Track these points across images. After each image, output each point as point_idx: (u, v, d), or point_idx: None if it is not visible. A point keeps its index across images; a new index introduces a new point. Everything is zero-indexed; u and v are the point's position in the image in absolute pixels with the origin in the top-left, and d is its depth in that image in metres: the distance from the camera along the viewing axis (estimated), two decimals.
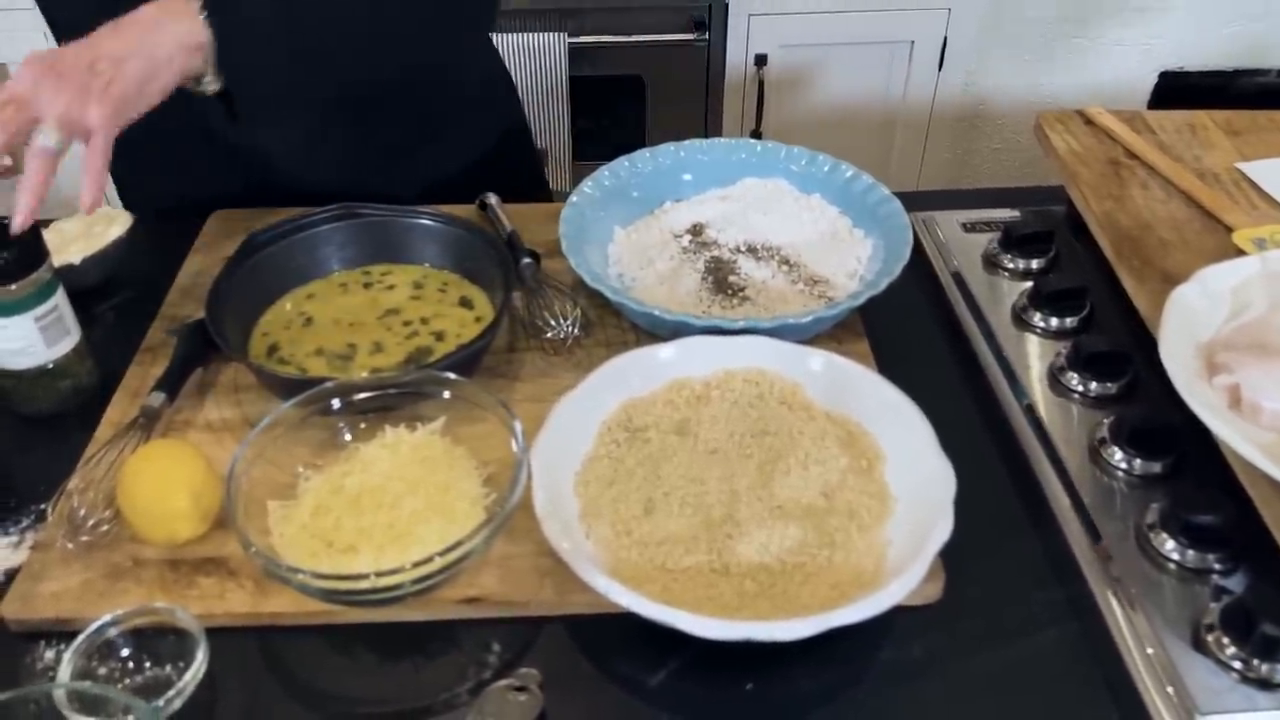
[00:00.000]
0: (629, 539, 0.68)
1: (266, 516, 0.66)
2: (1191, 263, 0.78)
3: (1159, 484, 0.72)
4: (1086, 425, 0.76)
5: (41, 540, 0.69)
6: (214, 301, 0.80)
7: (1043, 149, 0.98)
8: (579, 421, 0.75)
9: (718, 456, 0.74)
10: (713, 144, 0.99)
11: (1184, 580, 0.66)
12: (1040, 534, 0.71)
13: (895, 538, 0.68)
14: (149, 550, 0.68)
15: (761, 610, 0.64)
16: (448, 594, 0.65)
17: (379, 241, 0.92)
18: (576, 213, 0.91)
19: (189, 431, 0.77)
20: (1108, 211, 0.86)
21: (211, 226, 0.99)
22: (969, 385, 0.83)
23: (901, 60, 2.01)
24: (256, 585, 0.66)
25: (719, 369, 0.79)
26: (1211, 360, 0.68)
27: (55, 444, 0.78)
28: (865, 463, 0.73)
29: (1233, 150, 0.94)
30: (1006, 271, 0.91)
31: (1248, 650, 0.60)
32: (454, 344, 0.83)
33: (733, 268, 0.90)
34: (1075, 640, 0.65)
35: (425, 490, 0.67)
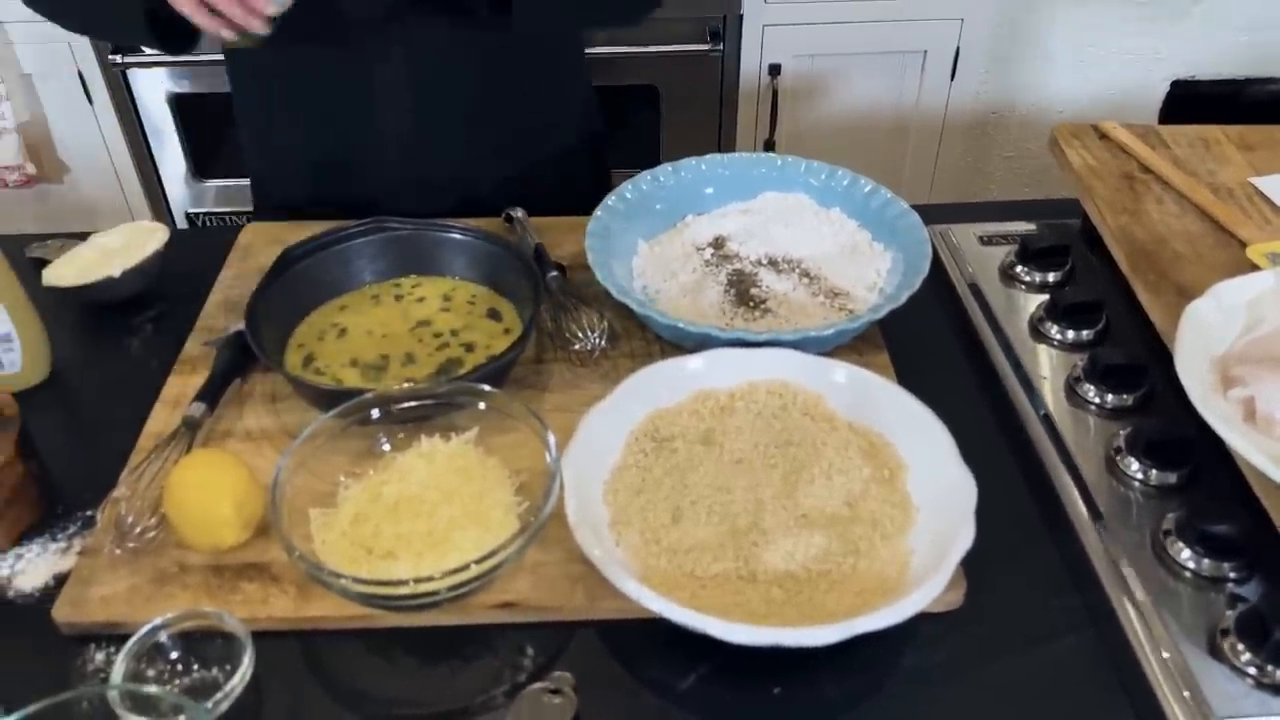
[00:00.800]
0: (658, 546, 0.70)
1: (309, 524, 0.69)
2: (1206, 277, 0.80)
3: (1175, 494, 0.73)
4: (1103, 436, 0.78)
5: (89, 546, 0.72)
6: (252, 314, 0.83)
7: (1058, 163, 0.99)
8: (607, 432, 0.77)
9: (743, 466, 0.76)
10: (733, 158, 1.02)
11: (1199, 588, 0.67)
12: (1058, 543, 0.73)
13: (918, 546, 0.70)
14: (194, 556, 0.71)
15: (788, 617, 0.66)
16: (483, 599, 0.67)
17: (409, 254, 0.94)
18: (602, 227, 0.93)
19: (228, 441, 0.80)
20: (1123, 225, 0.88)
21: (244, 239, 1.02)
22: (987, 396, 0.85)
23: (914, 69, 2.03)
24: (299, 590, 0.68)
25: (743, 380, 0.81)
26: (1226, 374, 0.70)
27: (99, 452, 0.80)
28: (888, 473, 0.75)
29: (1246, 165, 0.96)
30: (1023, 284, 0.93)
31: (1263, 656, 0.61)
32: (483, 355, 0.86)
33: (754, 280, 0.92)
34: (1093, 647, 0.67)
35: (461, 499, 0.70)
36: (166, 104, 2.01)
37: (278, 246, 0.92)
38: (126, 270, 0.91)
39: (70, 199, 2.11)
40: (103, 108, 1.99)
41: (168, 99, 2.00)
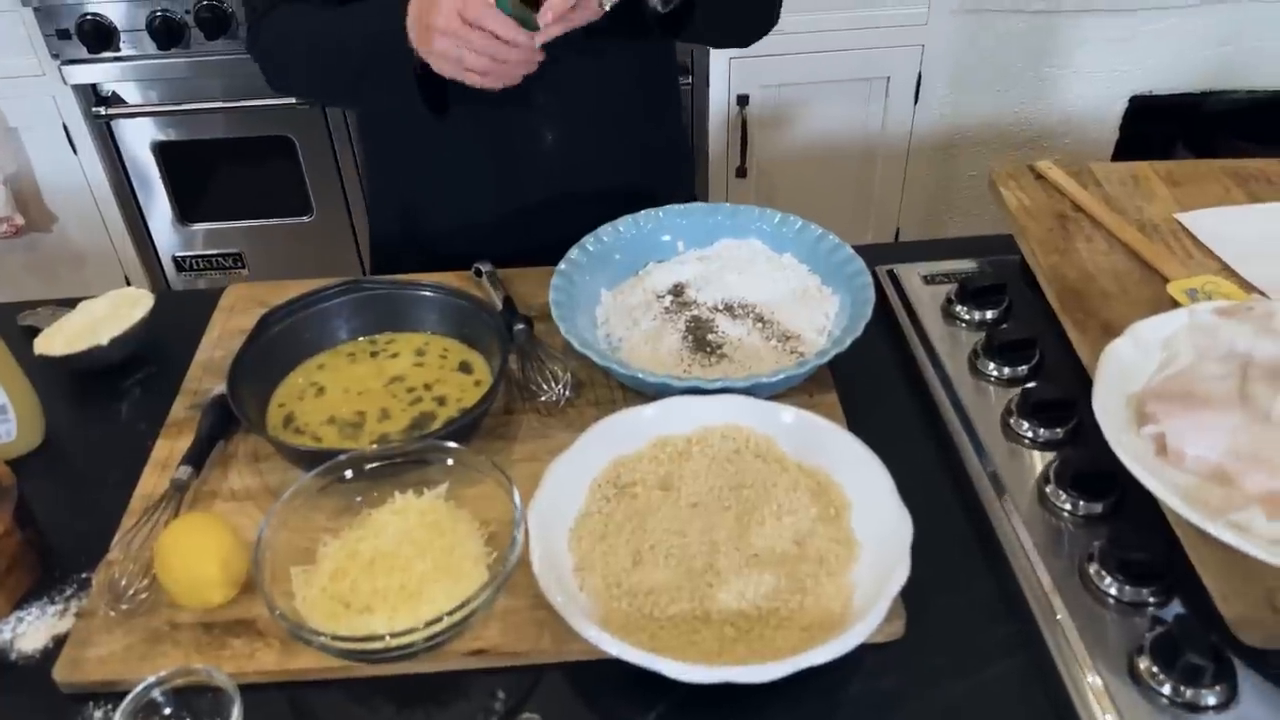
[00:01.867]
0: (619, 590, 0.75)
1: (290, 581, 0.73)
2: (1130, 313, 0.85)
3: (1101, 523, 0.78)
4: (1035, 469, 0.83)
5: (86, 608, 0.76)
6: (233, 379, 0.87)
7: (995, 203, 1.05)
8: (571, 480, 0.82)
9: (699, 509, 0.80)
10: (690, 208, 1.07)
11: (1123, 613, 0.72)
12: (994, 572, 0.78)
13: (861, 581, 0.75)
14: (184, 615, 0.75)
15: (740, 654, 0.70)
16: (456, 647, 0.72)
17: (384, 312, 0.99)
18: (565, 280, 0.99)
19: (214, 501, 0.85)
20: (1054, 265, 0.93)
21: (227, 301, 1.07)
22: (930, 431, 0.90)
23: (879, 95, 2.09)
24: (283, 645, 0.73)
25: (699, 426, 0.86)
26: (1141, 410, 0.75)
27: (92, 515, 0.85)
28: (833, 511, 0.79)
29: (1172, 200, 1.01)
30: (963, 322, 0.98)
31: (1175, 677, 0.66)
32: (455, 408, 0.91)
33: (711, 326, 0.97)
34: (1025, 671, 0.72)
35: (433, 552, 0.74)
36: (151, 151, 2.06)
37: (259, 307, 0.97)
38: (114, 338, 0.96)
39: (59, 247, 2.16)
40: (88, 158, 2.05)
41: (152, 147, 2.06)
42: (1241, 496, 0.69)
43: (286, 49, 1.05)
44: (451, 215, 1.19)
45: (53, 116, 1.99)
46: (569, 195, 1.16)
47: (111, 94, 1.99)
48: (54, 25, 1.89)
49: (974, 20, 2.05)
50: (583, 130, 1.13)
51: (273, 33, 1.05)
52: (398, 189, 1.22)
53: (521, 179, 1.15)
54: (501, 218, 1.17)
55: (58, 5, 1.87)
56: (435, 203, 1.19)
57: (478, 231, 1.17)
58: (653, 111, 1.21)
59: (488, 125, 1.10)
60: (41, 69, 1.94)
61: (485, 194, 1.16)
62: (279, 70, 1.08)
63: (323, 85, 1.10)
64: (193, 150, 2.07)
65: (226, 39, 1.91)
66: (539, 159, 1.13)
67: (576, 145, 1.14)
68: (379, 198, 1.27)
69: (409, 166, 1.18)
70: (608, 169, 1.17)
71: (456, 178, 1.16)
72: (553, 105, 1.10)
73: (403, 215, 1.22)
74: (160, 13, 1.88)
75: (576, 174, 1.16)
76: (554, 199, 1.16)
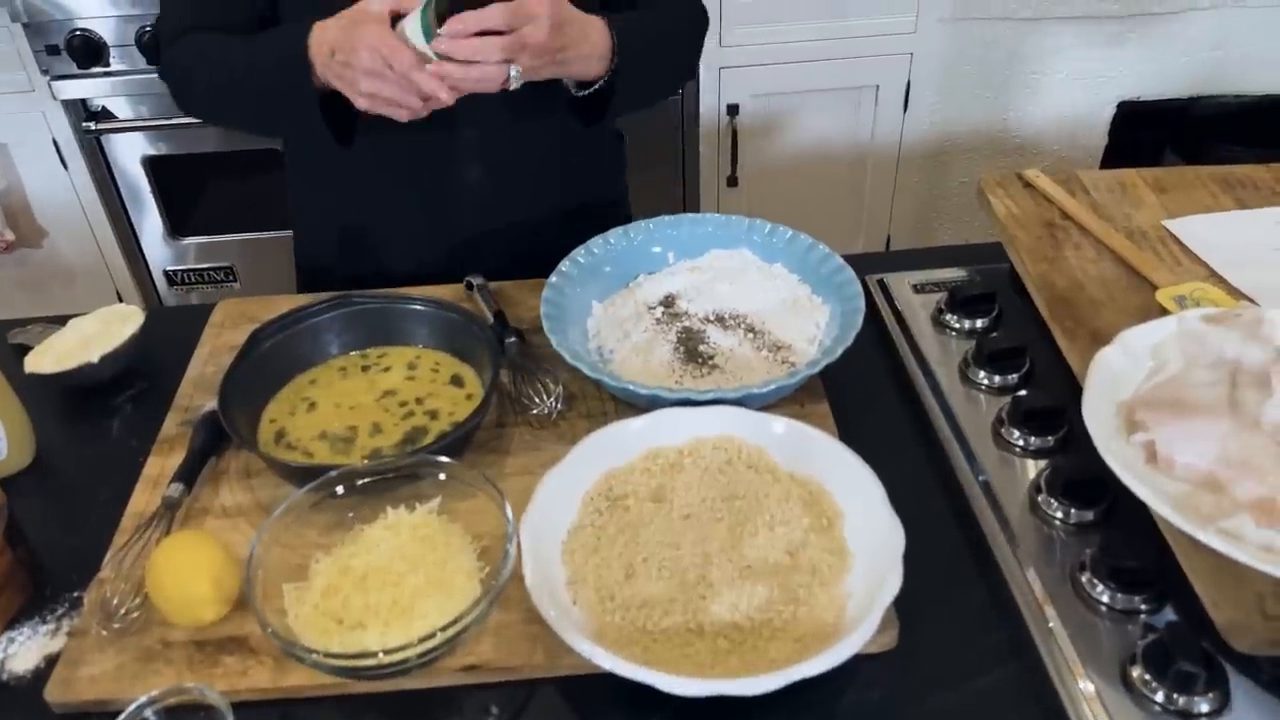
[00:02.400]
0: (612, 603, 0.75)
1: (282, 598, 0.73)
2: (1119, 321, 0.86)
3: (1093, 530, 0.79)
4: (1027, 477, 0.83)
5: (77, 627, 0.76)
6: (224, 396, 0.87)
7: (984, 211, 1.05)
8: (563, 493, 0.82)
9: (691, 521, 0.80)
10: (680, 219, 1.07)
11: (1115, 621, 0.73)
12: (986, 581, 0.78)
13: (854, 591, 0.75)
14: (176, 633, 0.75)
15: (733, 666, 0.70)
16: (449, 663, 0.72)
17: (374, 326, 0.99)
18: (556, 293, 0.99)
19: (206, 518, 0.84)
20: (1043, 273, 0.94)
21: (217, 317, 1.07)
22: (921, 440, 0.90)
23: (868, 104, 2.10)
24: (276, 662, 0.73)
25: (691, 437, 0.86)
26: (1131, 418, 0.75)
27: (84, 534, 0.85)
28: (825, 521, 0.80)
29: (1160, 207, 1.02)
30: (953, 331, 0.99)
31: (1167, 685, 0.66)
32: (447, 422, 0.90)
33: (702, 337, 0.97)
34: (1018, 680, 0.72)
35: (425, 567, 0.74)
36: (141, 166, 2.06)
37: (250, 323, 0.97)
38: (104, 355, 0.96)
39: (50, 263, 2.15)
40: (78, 173, 2.04)
41: (142, 161, 2.05)
42: (1231, 503, 0.69)
43: (194, 75, 1.05)
44: (384, 241, 1.19)
45: (43, 132, 1.99)
46: (498, 227, 1.17)
47: (101, 109, 1.98)
48: (43, 41, 1.89)
49: (962, 28, 2.06)
50: (509, 163, 1.14)
51: (182, 59, 1.06)
52: (324, 213, 1.21)
53: (449, 211, 1.15)
54: (435, 246, 1.17)
55: (47, 21, 1.86)
56: (366, 229, 1.19)
57: (413, 256, 1.18)
58: (580, 141, 1.19)
59: (411, 158, 1.11)
60: (31, 85, 1.94)
61: (415, 224, 1.16)
62: (187, 96, 1.08)
63: (230, 112, 1.11)
64: (183, 164, 2.07)
65: None
66: (466, 192, 1.14)
67: (504, 178, 1.15)
68: (307, 220, 1.26)
69: (335, 192, 1.18)
70: (538, 200, 1.18)
71: (382, 207, 1.16)
72: (475, 140, 1.11)
73: (334, 238, 1.21)
74: (150, 27, 1.88)
75: (505, 206, 1.16)
76: (484, 230, 1.17)
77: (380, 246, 1.19)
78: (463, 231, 1.17)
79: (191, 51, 1.05)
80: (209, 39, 1.05)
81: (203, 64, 1.04)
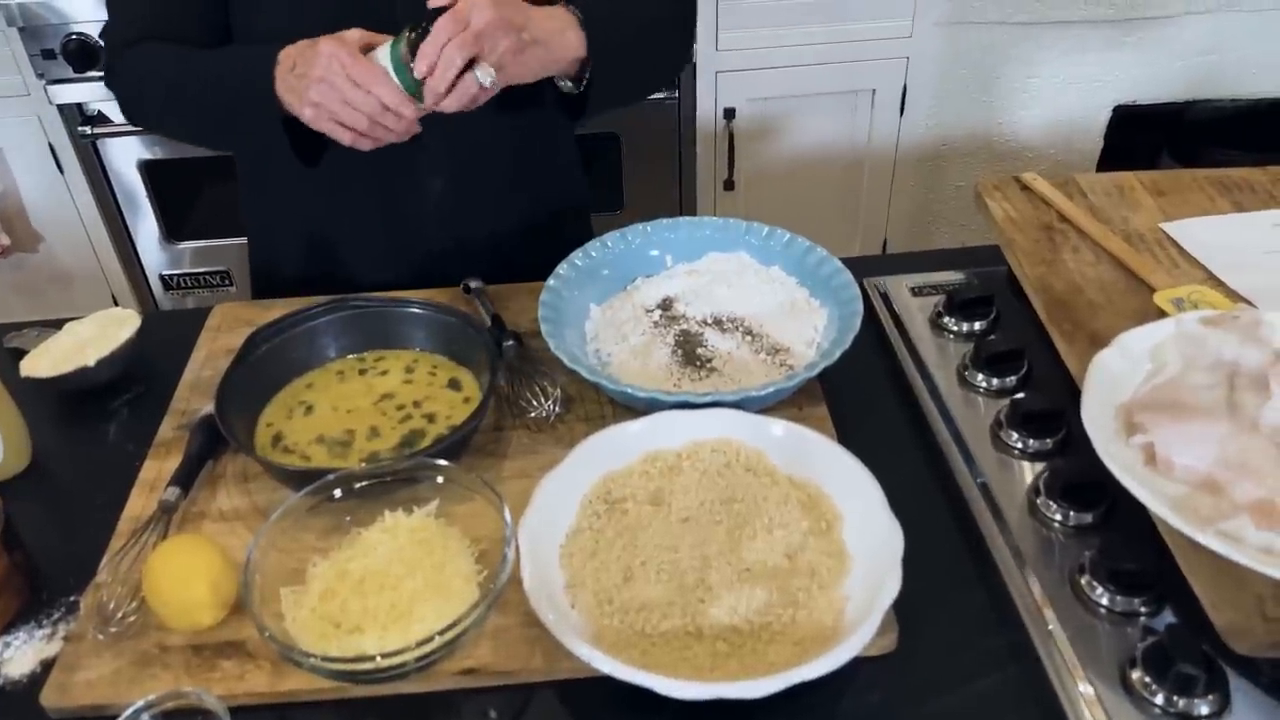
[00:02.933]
0: (610, 607, 0.74)
1: (279, 602, 0.73)
2: (1117, 324, 0.86)
3: (1092, 533, 0.79)
4: (1025, 480, 0.83)
5: (74, 632, 0.76)
6: (221, 399, 0.87)
7: (981, 215, 1.05)
8: (562, 496, 0.81)
9: (690, 524, 0.80)
10: (677, 222, 1.07)
11: (1114, 623, 0.73)
12: (985, 584, 0.78)
13: (853, 594, 0.74)
14: (173, 637, 0.75)
15: (732, 670, 0.70)
16: (447, 666, 0.72)
17: (372, 330, 0.99)
18: (554, 296, 0.99)
19: (203, 522, 0.84)
20: (1040, 276, 0.94)
21: (214, 320, 1.06)
22: (920, 443, 0.90)
23: (864, 107, 2.10)
24: (274, 666, 0.73)
25: (689, 440, 0.86)
26: (1130, 420, 0.75)
27: (80, 538, 0.84)
28: (824, 524, 0.79)
29: (1157, 210, 1.02)
30: (951, 334, 0.99)
31: (1167, 688, 0.66)
32: (445, 425, 0.90)
33: (700, 340, 0.97)
34: (1018, 683, 0.72)
35: (423, 571, 0.74)
36: (137, 170, 2.06)
37: (246, 327, 0.97)
38: (101, 359, 0.96)
39: (46, 268, 2.15)
40: (74, 177, 2.04)
41: (138, 166, 2.05)
42: (1230, 505, 0.69)
43: (148, 87, 1.04)
44: (342, 254, 1.17)
45: (39, 136, 1.99)
46: (462, 241, 1.16)
47: (97, 113, 1.98)
48: (39, 45, 1.88)
49: (958, 32, 2.06)
50: (471, 177, 1.13)
51: (134, 69, 1.04)
52: (283, 223, 1.19)
53: (410, 224, 1.14)
54: (394, 260, 1.16)
55: (43, 25, 1.86)
56: (323, 243, 1.17)
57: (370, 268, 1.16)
58: (543, 152, 1.19)
59: (373, 174, 1.09)
60: (27, 89, 1.94)
61: (374, 239, 1.15)
62: (139, 107, 1.07)
63: (188, 126, 1.09)
64: (179, 169, 2.07)
65: None
66: (428, 205, 1.13)
67: (466, 192, 1.14)
68: (261, 229, 1.23)
69: (294, 205, 1.16)
70: (501, 217, 1.17)
71: (340, 218, 1.15)
72: (440, 154, 1.10)
73: (290, 248, 1.20)
74: None
75: (469, 219, 1.15)
76: (447, 244, 1.15)
77: (339, 256, 1.17)
78: (423, 244, 1.15)
79: (146, 61, 1.03)
80: (164, 49, 1.03)
81: (156, 76, 1.03)
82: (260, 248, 1.24)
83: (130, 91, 1.06)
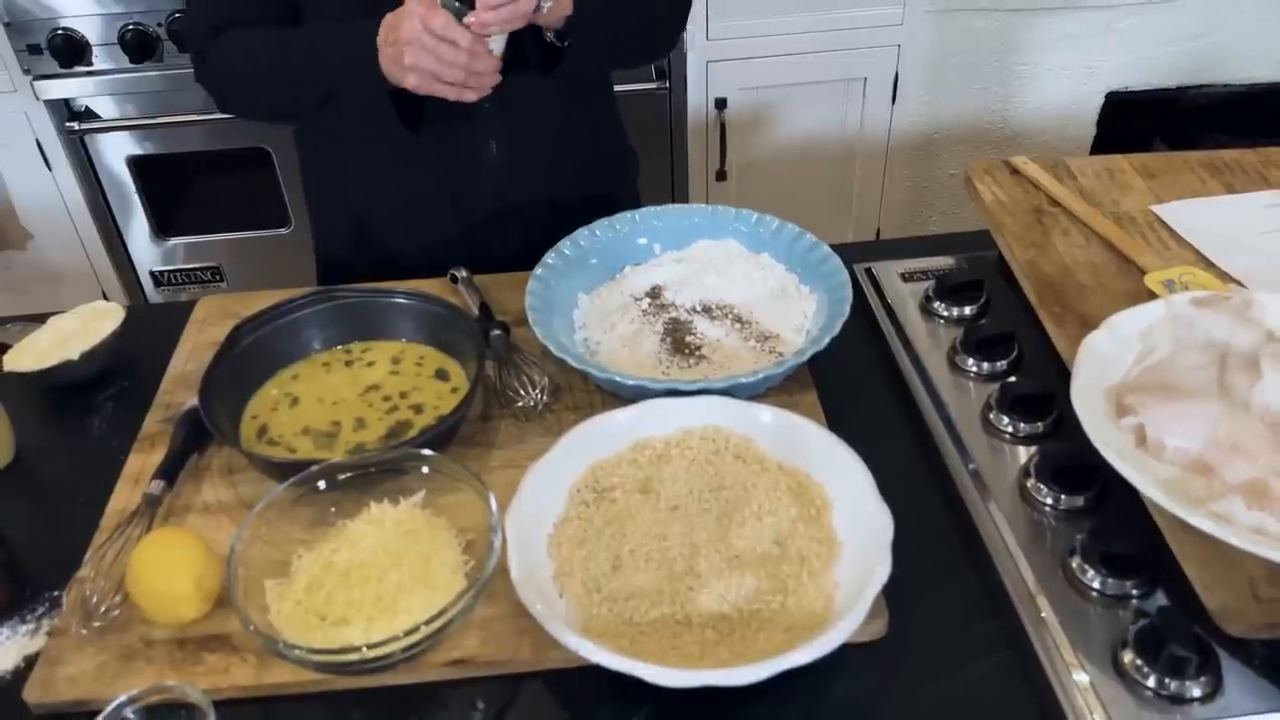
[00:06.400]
0: (599, 595, 0.74)
1: (264, 595, 0.72)
2: (1107, 306, 0.85)
3: (1084, 516, 0.78)
4: (1016, 463, 0.83)
5: (57, 626, 0.75)
6: (206, 392, 0.86)
7: (971, 199, 1.04)
8: (550, 485, 0.81)
9: (679, 512, 0.80)
10: (666, 210, 1.06)
11: (1106, 606, 0.72)
12: (976, 568, 0.78)
13: (843, 580, 0.74)
14: (158, 631, 0.74)
15: (721, 657, 0.70)
16: (434, 658, 0.71)
17: (357, 321, 0.98)
18: (542, 285, 0.98)
19: (188, 515, 0.83)
20: (1031, 260, 0.93)
21: (199, 314, 1.05)
22: (910, 428, 0.90)
23: (856, 96, 2.09)
24: (258, 659, 0.72)
25: (678, 428, 0.85)
26: (1120, 402, 0.75)
27: (64, 533, 0.83)
28: (814, 510, 0.79)
29: (1148, 193, 1.01)
30: (941, 319, 0.98)
31: (1159, 670, 0.66)
32: (432, 416, 0.90)
33: (689, 328, 0.97)
34: (1010, 668, 0.71)
35: (409, 562, 0.73)
36: (126, 166, 2.04)
37: (231, 319, 0.96)
38: (84, 353, 0.95)
39: (35, 265, 2.14)
40: (62, 174, 2.03)
41: (127, 161, 2.04)
42: (1222, 486, 0.69)
43: (242, 73, 1.06)
44: (403, 229, 1.19)
45: (26, 133, 1.97)
46: (519, 205, 1.17)
47: (85, 109, 1.97)
48: (25, 40, 1.87)
49: (949, 20, 2.05)
50: (527, 140, 1.14)
51: (225, 58, 1.06)
52: (346, 204, 1.22)
53: (469, 191, 1.16)
54: (453, 230, 1.18)
55: (29, 20, 1.85)
56: (385, 217, 1.20)
57: (430, 243, 1.18)
58: (594, 119, 1.22)
59: (434, 139, 1.10)
60: (13, 85, 1.92)
61: (435, 207, 1.17)
62: (235, 94, 1.10)
63: (285, 106, 1.11)
64: (169, 164, 2.05)
65: None
66: (485, 170, 1.14)
67: (522, 155, 1.15)
68: (325, 213, 1.27)
69: (356, 183, 1.19)
70: (555, 178, 1.19)
71: (406, 192, 1.16)
72: (496, 116, 1.11)
73: (352, 230, 1.22)
74: (132, 26, 1.86)
75: (524, 184, 1.17)
76: (503, 210, 1.17)
77: (397, 231, 1.19)
78: (482, 210, 1.17)
79: (239, 45, 1.05)
80: (255, 32, 1.05)
81: (251, 59, 1.05)
82: (328, 233, 1.26)
83: (226, 82, 1.08)
